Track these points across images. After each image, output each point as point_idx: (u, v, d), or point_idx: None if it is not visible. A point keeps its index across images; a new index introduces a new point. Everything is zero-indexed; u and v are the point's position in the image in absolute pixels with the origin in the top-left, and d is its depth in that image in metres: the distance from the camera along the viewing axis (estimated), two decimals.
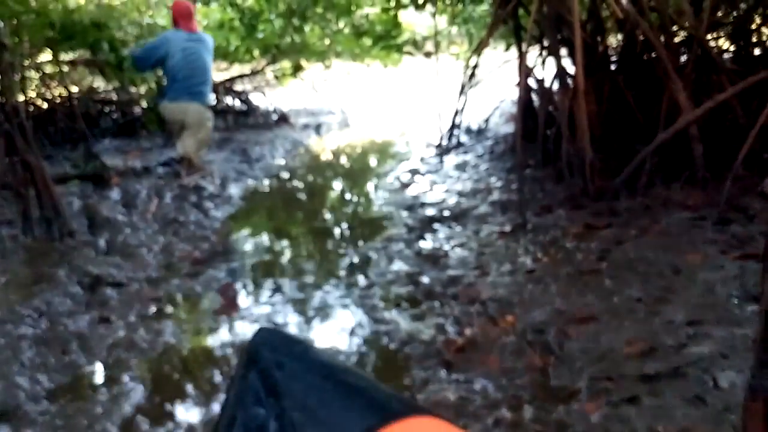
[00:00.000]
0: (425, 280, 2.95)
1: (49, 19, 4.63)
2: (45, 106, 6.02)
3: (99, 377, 2.30)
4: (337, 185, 5.75)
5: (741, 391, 1.19)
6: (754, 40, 4.81)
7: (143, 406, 2.11)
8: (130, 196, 4.39)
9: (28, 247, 3.46)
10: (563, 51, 4.45)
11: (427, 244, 3.49)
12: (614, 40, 5.57)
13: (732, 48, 4.94)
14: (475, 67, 5.50)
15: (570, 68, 4.27)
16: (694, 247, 2.69)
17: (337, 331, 2.60)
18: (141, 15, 6.01)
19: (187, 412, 2.09)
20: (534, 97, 5.12)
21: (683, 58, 4.25)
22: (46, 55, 5.68)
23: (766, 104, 2.99)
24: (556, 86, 4.62)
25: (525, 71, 4.64)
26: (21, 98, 4.96)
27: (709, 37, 4.32)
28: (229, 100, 7.98)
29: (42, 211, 3.63)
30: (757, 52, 4.78)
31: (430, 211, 4.10)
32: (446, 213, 4.01)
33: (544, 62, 4.93)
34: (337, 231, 4.09)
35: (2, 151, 3.57)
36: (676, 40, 4.30)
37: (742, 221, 2.87)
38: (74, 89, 6.44)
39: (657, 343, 1.99)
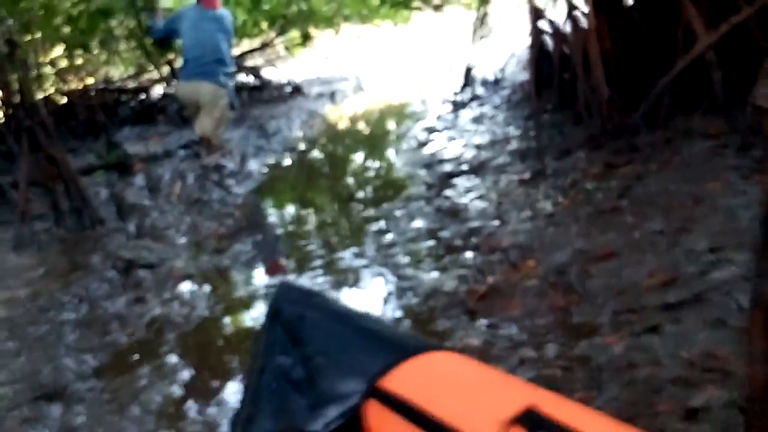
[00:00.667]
0: (446, 234, 2.97)
1: (57, 13, 4.68)
2: (63, 100, 6.14)
3: (140, 353, 2.40)
4: (355, 151, 5.75)
5: None
6: None
7: (183, 377, 2.21)
8: (154, 180, 4.49)
9: (62, 238, 3.59)
10: None
11: (446, 199, 3.49)
12: None
13: None
14: (485, 15, 5.39)
15: (582, 7, 4.15)
16: (716, 175, 2.65)
17: (363, 290, 2.66)
18: None
19: (224, 381, 2.17)
20: (547, 40, 5.00)
21: None
22: (59, 49, 5.76)
23: None
24: (568, 27, 4.50)
25: (535, 13, 4.54)
26: (39, 95, 5.08)
27: None
28: (241, 77, 7.98)
29: (71, 203, 3.75)
30: None
31: (448, 167, 4.09)
32: (464, 167, 3.99)
33: (555, 3, 4.80)
34: (357, 196, 4.11)
35: (27, 148, 3.68)
36: None
37: (763, 145, 2.80)
38: (90, 81, 6.54)
39: (679, 272, 1.99)
